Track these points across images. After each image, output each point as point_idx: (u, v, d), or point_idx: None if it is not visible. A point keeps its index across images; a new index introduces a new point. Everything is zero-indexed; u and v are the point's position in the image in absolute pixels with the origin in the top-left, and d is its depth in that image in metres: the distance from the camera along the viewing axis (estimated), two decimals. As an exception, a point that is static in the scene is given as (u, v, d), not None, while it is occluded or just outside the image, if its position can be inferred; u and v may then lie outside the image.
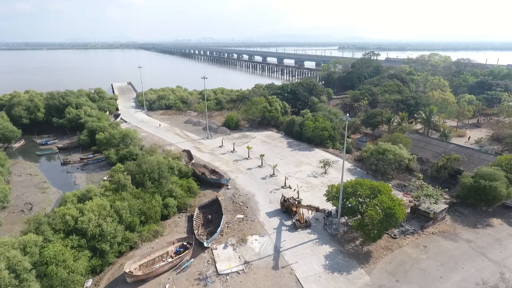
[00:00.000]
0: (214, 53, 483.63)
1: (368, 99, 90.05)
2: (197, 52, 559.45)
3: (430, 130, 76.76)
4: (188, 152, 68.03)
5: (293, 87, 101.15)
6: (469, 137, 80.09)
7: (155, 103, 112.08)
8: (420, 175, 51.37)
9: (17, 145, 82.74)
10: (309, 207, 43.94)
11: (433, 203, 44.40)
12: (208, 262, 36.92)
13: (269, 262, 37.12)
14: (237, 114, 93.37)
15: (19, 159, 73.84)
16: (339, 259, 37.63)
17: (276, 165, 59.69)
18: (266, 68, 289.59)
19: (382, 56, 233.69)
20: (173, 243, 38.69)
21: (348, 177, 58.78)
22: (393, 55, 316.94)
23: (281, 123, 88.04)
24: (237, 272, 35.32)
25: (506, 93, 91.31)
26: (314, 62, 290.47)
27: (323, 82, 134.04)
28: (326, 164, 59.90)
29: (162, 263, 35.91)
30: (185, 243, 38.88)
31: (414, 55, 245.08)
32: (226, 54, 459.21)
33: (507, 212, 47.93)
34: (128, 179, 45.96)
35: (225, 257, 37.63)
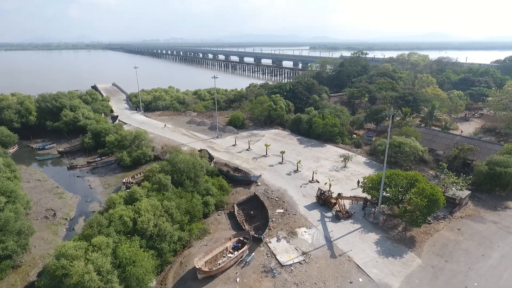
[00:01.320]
0: (188, 53, 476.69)
1: (366, 96, 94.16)
2: (169, 52, 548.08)
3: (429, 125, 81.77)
4: (206, 152, 67.92)
5: (292, 86, 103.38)
6: (461, 131, 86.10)
7: (151, 104, 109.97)
8: (445, 164, 55.15)
9: (11, 150, 78.40)
10: (355, 198, 46.07)
11: (459, 189, 48.11)
12: (268, 255, 37.89)
13: (325, 251, 38.74)
14: (241, 113, 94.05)
15: (20, 165, 69.99)
16: (388, 244, 40.01)
17: (299, 161, 61.35)
18: (246, 68, 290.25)
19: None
20: (230, 239, 39.27)
21: (366, 170, 61.94)
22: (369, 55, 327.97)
23: (285, 121, 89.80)
24: (299, 262, 36.63)
25: (493, 88, 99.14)
26: (292, 62, 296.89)
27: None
28: (346, 158, 62.41)
29: (224, 259, 36.47)
30: (241, 238, 39.58)
31: (386, 54, 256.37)
32: (200, 54, 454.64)
33: (519, 195, 52.72)
34: (168, 179, 45.76)
35: (282, 249, 38.78)
